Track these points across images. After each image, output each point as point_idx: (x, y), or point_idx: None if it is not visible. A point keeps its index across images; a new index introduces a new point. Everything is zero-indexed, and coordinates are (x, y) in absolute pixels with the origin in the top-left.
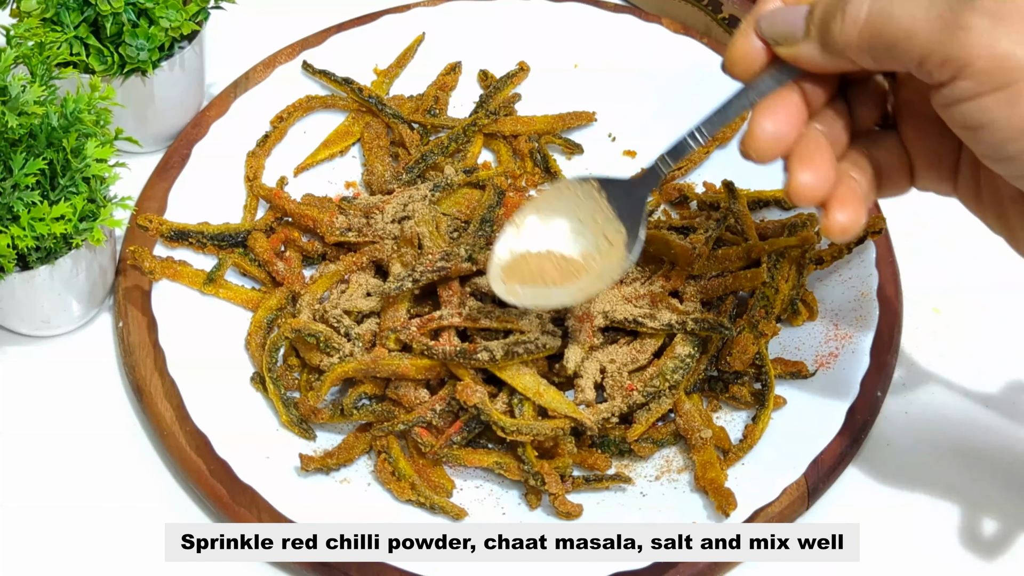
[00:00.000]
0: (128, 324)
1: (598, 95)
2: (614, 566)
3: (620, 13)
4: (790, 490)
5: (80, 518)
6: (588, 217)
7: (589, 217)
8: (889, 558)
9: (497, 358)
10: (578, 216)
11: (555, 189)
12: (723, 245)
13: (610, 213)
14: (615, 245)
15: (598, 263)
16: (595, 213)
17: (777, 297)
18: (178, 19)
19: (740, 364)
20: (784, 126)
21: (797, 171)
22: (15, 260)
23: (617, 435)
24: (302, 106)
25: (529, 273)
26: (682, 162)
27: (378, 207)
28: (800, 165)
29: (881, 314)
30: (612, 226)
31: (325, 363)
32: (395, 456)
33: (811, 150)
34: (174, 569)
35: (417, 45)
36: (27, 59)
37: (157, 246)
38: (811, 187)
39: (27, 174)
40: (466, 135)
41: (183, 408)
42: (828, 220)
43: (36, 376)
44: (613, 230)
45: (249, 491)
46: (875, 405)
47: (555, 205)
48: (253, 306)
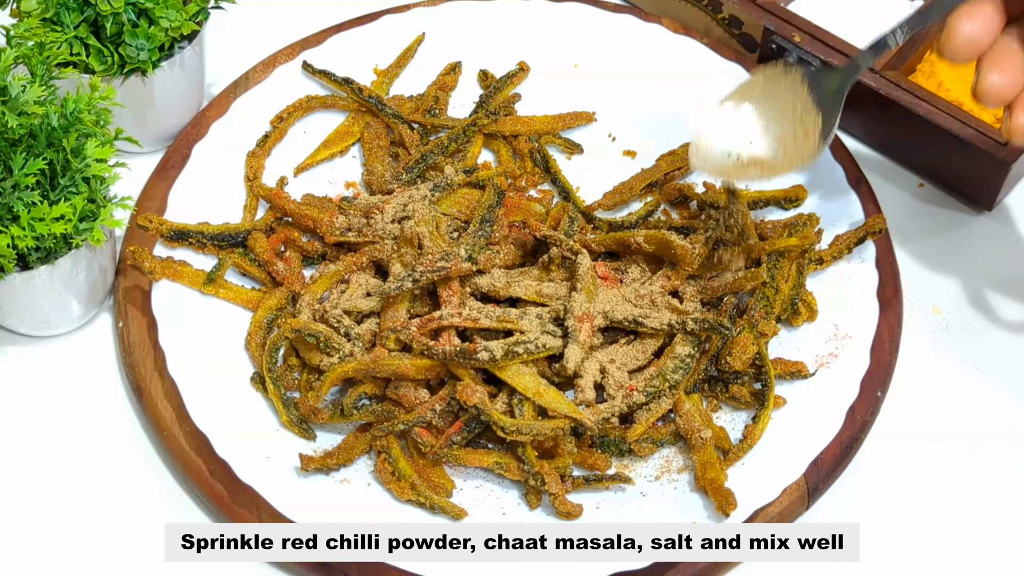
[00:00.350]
0: (128, 324)
1: (598, 95)
2: (614, 566)
3: (620, 13)
4: (790, 490)
5: (80, 518)
6: (788, 105)
7: (789, 105)
8: (889, 558)
9: (497, 358)
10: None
11: (762, 76)
12: (723, 245)
13: (810, 103)
14: (809, 135)
15: (791, 150)
16: (795, 101)
17: (777, 297)
18: (178, 19)
19: (740, 364)
20: (980, 30)
21: (987, 72)
22: (15, 260)
23: (617, 435)
24: (302, 106)
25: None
26: (681, 162)
27: (378, 207)
28: (991, 67)
29: (881, 314)
30: (810, 116)
31: (325, 363)
32: (395, 456)
33: (1002, 55)
34: (174, 569)
35: (417, 45)
36: (27, 59)
37: (157, 246)
38: (998, 87)
39: (27, 174)
40: (466, 135)
41: (183, 408)
42: (1012, 121)
43: (36, 376)
44: (811, 120)
45: (249, 491)
46: (875, 405)
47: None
48: (253, 306)
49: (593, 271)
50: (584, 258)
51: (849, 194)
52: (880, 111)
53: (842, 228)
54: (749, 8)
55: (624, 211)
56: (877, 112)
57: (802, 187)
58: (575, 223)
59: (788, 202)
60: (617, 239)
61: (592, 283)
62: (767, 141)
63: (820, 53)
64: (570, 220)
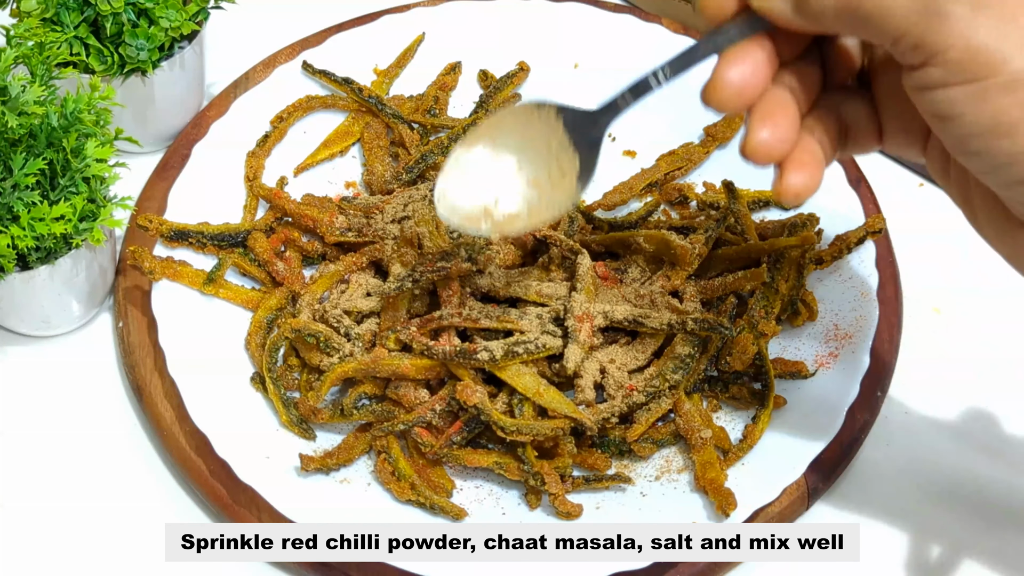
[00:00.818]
0: (128, 324)
1: (598, 95)
2: (614, 566)
3: (620, 13)
4: (790, 490)
5: (80, 518)
6: (542, 142)
7: (543, 143)
8: (889, 558)
9: (497, 358)
10: (531, 140)
11: (510, 111)
12: (723, 245)
13: (566, 141)
14: (567, 176)
15: (547, 192)
16: (550, 139)
17: (777, 297)
18: (178, 19)
19: (740, 364)
20: (749, 77)
21: (756, 128)
22: (15, 260)
23: (617, 435)
24: (302, 106)
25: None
26: (681, 162)
27: (378, 207)
28: (760, 122)
29: (881, 314)
30: (566, 155)
31: (325, 363)
32: (395, 456)
33: (773, 106)
34: (174, 569)
35: (417, 45)
36: (27, 59)
37: (157, 246)
38: (768, 145)
39: (27, 174)
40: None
41: (183, 408)
42: (782, 182)
43: (36, 376)
44: (567, 159)
45: (249, 491)
46: (875, 405)
47: (509, 127)
48: (253, 306)
49: (593, 271)
50: (584, 258)
51: (849, 194)
52: None
53: (842, 228)
54: None
55: (624, 211)
56: None
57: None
58: (575, 223)
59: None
60: (617, 239)
61: (592, 283)
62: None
63: None
64: (570, 220)
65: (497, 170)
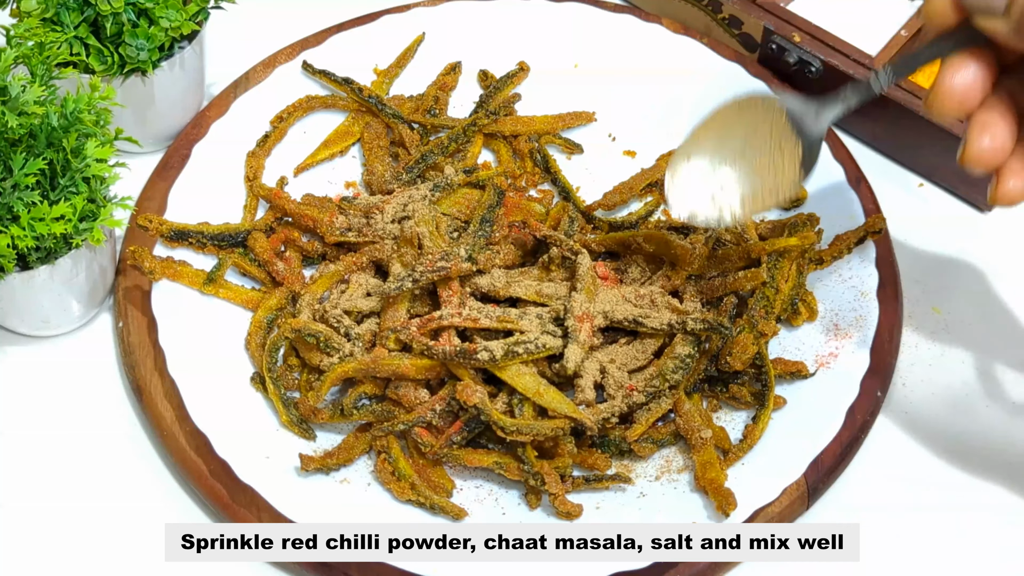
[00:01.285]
0: (128, 324)
1: (598, 95)
2: (614, 566)
3: (620, 13)
4: (790, 490)
5: (80, 518)
6: (765, 130)
7: (766, 131)
8: (889, 558)
9: (497, 358)
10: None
11: (736, 103)
12: (723, 245)
13: (788, 129)
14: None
15: (772, 179)
16: (772, 128)
17: (777, 297)
18: (178, 19)
19: (740, 364)
20: (970, 84)
21: (976, 136)
22: (15, 260)
23: (617, 435)
24: (302, 106)
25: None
26: None
27: (378, 207)
28: (981, 130)
29: (881, 314)
30: (789, 143)
31: (325, 363)
32: (395, 456)
33: (993, 115)
34: (174, 569)
35: (417, 45)
36: (27, 59)
37: (157, 246)
38: (989, 154)
39: (27, 174)
40: (466, 135)
41: (183, 408)
42: (1000, 188)
43: (36, 376)
44: (790, 147)
45: (249, 491)
46: (875, 405)
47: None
48: (253, 306)
49: (593, 271)
50: (584, 258)
51: (849, 194)
52: (880, 111)
53: (842, 228)
54: (749, 8)
55: (624, 211)
56: (877, 112)
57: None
58: (575, 223)
59: (788, 202)
60: (617, 239)
61: (592, 283)
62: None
63: (820, 53)
64: (570, 220)
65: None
